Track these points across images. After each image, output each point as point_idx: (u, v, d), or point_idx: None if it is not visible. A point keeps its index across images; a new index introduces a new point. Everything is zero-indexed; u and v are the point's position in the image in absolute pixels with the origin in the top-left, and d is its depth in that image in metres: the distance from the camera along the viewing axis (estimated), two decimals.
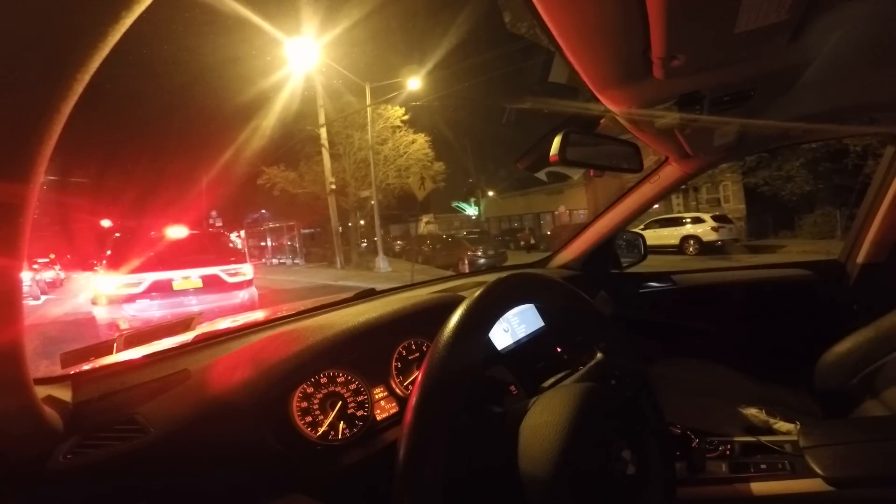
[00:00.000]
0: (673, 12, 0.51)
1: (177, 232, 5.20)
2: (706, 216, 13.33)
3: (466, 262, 12.26)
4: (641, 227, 14.04)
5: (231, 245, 6.22)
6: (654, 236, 13.62)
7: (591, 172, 1.17)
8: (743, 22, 0.54)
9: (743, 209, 15.65)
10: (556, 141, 0.96)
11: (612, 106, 0.85)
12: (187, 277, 4.88)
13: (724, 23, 0.55)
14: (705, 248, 12.63)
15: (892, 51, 0.69)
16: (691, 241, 13.03)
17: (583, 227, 1.72)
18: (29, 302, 10.27)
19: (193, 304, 4.86)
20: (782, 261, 1.71)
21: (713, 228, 12.80)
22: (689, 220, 13.57)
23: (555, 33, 0.58)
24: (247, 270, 5.36)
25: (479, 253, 12.64)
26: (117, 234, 5.36)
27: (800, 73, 0.75)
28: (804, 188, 13.51)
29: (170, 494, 0.55)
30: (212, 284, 5.01)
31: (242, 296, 5.21)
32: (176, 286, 4.79)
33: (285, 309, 1.19)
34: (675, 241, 13.32)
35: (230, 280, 5.16)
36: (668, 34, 0.55)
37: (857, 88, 0.88)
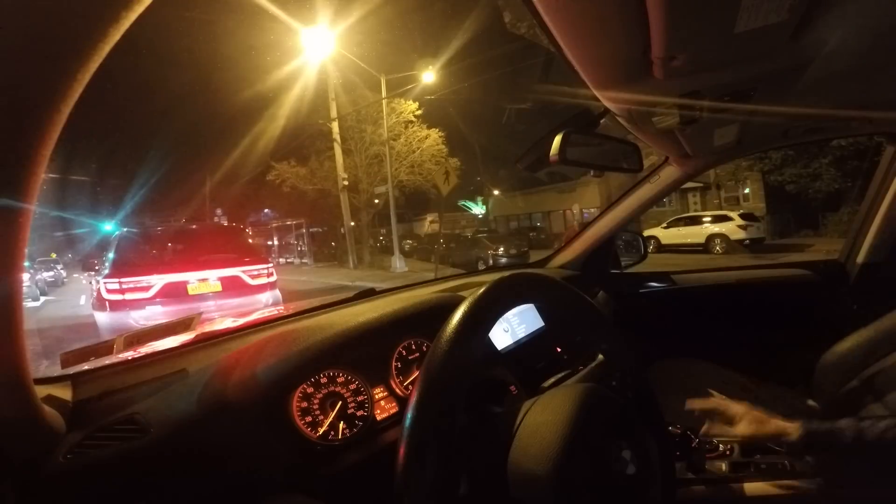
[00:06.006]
0: (673, 12, 0.51)
1: (191, 228, 4.64)
2: (733, 213, 13.07)
3: (492, 261, 12.08)
4: (663, 225, 13.85)
5: (251, 241, 5.62)
6: (677, 235, 13.43)
7: (592, 173, 1.18)
8: (743, 22, 0.54)
9: (763, 208, 15.39)
10: (556, 141, 0.96)
11: (612, 106, 0.85)
12: (204, 280, 4.31)
13: (724, 23, 0.55)
14: (732, 246, 12.33)
15: (892, 51, 0.69)
16: (718, 240, 12.73)
17: (583, 227, 1.72)
18: (28, 303, 10.26)
19: (212, 311, 4.19)
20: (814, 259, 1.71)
21: (740, 226, 12.50)
22: (714, 217, 13.26)
23: (555, 33, 0.58)
24: (270, 271, 4.85)
25: (501, 252, 12.44)
26: (122, 231, 4.82)
27: (800, 73, 0.75)
28: (833, 186, 13.32)
29: (169, 494, 0.55)
30: (232, 287, 4.44)
31: (266, 299, 4.68)
32: (192, 290, 4.23)
33: (285, 309, 1.19)
34: (700, 239, 13.04)
35: (253, 282, 4.62)
36: (668, 34, 0.55)
37: (857, 88, 0.88)
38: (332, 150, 13.63)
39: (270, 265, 4.95)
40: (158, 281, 4.09)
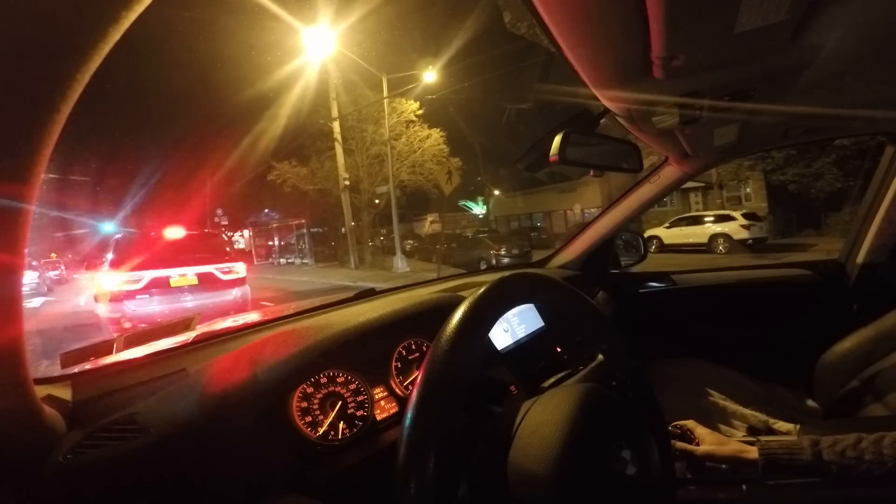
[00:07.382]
0: (673, 12, 0.51)
1: (174, 232, 5.59)
2: (736, 213, 13.02)
3: (494, 261, 12.08)
4: (666, 225, 13.82)
5: (226, 245, 6.64)
6: (680, 235, 13.40)
7: (592, 173, 1.18)
8: (743, 22, 0.54)
9: (765, 207, 15.32)
10: (556, 141, 0.96)
11: (612, 106, 0.85)
12: (184, 275, 5.26)
13: (724, 23, 0.55)
14: (735, 246, 12.30)
15: (892, 51, 0.69)
16: (721, 240, 12.69)
17: (583, 227, 1.72)
18: (34, 301, 10.29)
19: (189, 301, 5.24)
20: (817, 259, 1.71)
21: (743, 226, 12.46)
22: (717, 217, 13.21)
23: (555, 33, 0.58)
24: (240, 269, 5.76)
25: (503, 252, 12.43)
26: (119, 235, 5.74)
27: (800, 73, 0.75)
28: (835, 186, 13.30)
29: (169, 494, 0.55)
30: (207, 282, 5.37)
31: (235, 293, 5.62)
32: (173, 283, 5.14)
33: (285, 309, 1.19)
34: (703, 239, 13.01)
35: (224, 278, 5.55)
36: (668, 34, 0.55)
37: (857, 88, 0.88)
38: (333, 150, 13.58)
39: (241, 264, 5.86)
40: (147, 275, 5.01)
